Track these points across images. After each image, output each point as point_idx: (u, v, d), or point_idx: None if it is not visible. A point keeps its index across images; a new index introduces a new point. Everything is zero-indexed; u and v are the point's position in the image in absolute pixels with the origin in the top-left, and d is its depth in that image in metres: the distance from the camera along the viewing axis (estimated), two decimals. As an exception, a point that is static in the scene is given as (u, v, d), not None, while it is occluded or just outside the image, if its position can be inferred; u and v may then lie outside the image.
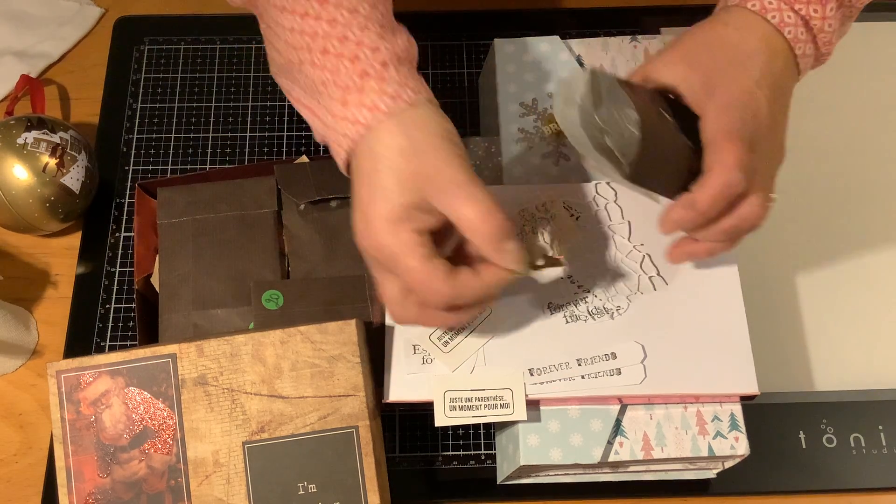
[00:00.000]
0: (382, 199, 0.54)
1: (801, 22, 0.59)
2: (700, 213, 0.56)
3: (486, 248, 0.54)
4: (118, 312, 0.77)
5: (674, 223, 0.58)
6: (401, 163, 0.53)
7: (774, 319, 0.77)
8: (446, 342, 0.64)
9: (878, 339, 0.77)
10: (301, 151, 0.84)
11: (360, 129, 0.54)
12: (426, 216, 0.54)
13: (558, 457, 0.62)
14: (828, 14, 0.59)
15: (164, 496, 0.61)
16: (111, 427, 0.61)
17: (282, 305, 0.69)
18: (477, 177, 0.54)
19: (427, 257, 0.54)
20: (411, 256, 0.54)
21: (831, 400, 0.74)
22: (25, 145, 0.74)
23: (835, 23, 0.60)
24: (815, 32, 0.60)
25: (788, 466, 0.71)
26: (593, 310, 0.65)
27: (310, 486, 0.61)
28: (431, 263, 0.54)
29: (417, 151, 0.54)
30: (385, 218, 0.54)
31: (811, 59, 0.61)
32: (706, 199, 0.56)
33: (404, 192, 0.53)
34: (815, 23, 0.59)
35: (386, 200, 0.54)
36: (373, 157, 0.54)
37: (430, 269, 0.54)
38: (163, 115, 0.85)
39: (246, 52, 0.89)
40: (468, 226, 0.53)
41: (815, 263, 0.79)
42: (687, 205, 0.57)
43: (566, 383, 0.63)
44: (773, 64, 0.59)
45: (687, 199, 0.57)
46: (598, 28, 0.88)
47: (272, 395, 0.62)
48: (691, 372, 0.63)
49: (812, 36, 0.60)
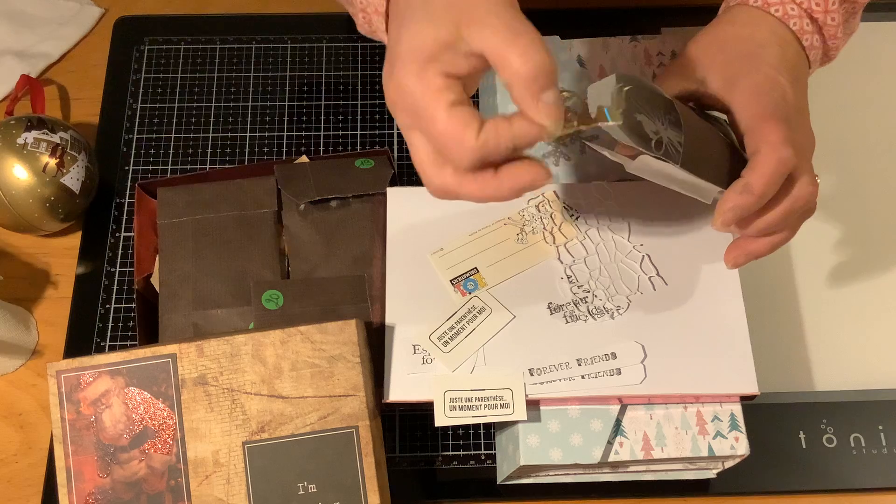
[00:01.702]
0: (410, 35, 0.47)
1: (805, 14, 0.59)
2: (757, 195, 0.54)
3: (521, 92, 0.46)
4: (118, 312, 0.77)
5: (730, 212, 0.55)
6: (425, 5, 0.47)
7: (774, 319, 0.77)
8: (446, 342, 0.64)
9: (878, 339, 0.77)
10: (301, 151, 0.84)
11: None
12: (458, 59, 0.47)
13: (558, 457, 0.62)
14: (830, 8, 0.60)
15: (164, 496, 0.61)
16: (111, 427, 0.61)
17: (282, 305, 0.69)
18: (521, 12, 0.47)
19: (453, 104, 0.47)
20: (436, 102, 0.47)
21: (831, 400, 0.74)
22: (25, 145, 0.74)
23: (838, 17, 0.60)
24: (820, 25, 0.60)
25: (788, 466, 0.71)
26: (593, 310, 0.65)
27: (310, 486, 0.61)
28: (458, 111, 0.47)
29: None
30: (411, 57, 0.47)
31: (819, 52, 0.62)
32: (761, 179, 0.54)
33: (435, 24, 0.46)
34: (818, 16, 0.60)
35: (413, 36, 0.47)
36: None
37: (456, 116, 0.46)
38: (163, 115, 0.85)
39: (246, 52, 0.89)
40: (504, 63, 0.45)
41: (815, 263, 0.79)
42: (742, 189, 0.54)
43: (566, 383, 0.63)
44: (786, 52, 0.59)
45: (739, 184, 0.54)
46: (598, 28, 0.87)
47: (272, 395, 0.62)
48: (691, 372, 0.63)
49: (818, 27, 0.60)
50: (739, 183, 0.55)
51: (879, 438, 0.72)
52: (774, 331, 0.76)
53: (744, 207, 0.55)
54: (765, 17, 0.60)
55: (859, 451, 0.72)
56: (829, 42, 0.61)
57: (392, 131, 0.85)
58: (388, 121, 0.85)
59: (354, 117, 0.86)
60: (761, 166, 0.54)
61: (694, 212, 0.68)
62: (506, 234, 0.68)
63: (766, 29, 0.60)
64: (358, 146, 0.84)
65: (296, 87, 0.87)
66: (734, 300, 0.65)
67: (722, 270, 0.66)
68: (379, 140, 0.84)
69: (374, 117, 0.85)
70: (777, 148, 0.54)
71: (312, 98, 0.86)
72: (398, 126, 0.50)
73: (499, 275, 0.66)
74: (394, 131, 0.85)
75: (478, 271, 0.67)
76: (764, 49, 0.59)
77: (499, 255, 0.67)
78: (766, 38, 0.59)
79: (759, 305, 0.76)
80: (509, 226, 0.68)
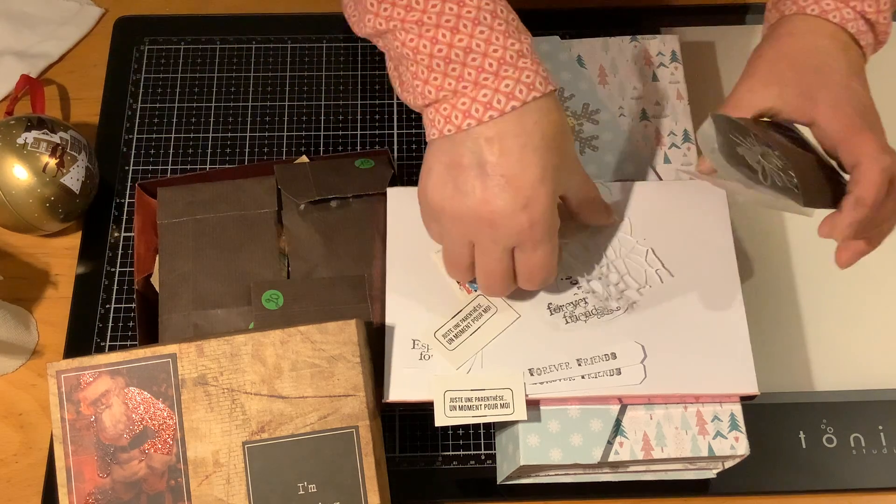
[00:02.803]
0: (550, 178, 0.56)
1: (860, 17, 0.61)
2: (871, 206, 0.56)
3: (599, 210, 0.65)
4: (118, 312, 0.77)
5: (849, 228, 0.56)
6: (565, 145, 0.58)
7: (774, 319, 0.77)
8: (451, 339, 0.64)
9: (878, 339, 0.77)
10: (301, 151, 0.84)
11: (516, 102, 0.55)
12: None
13: (558, 457, 0.62)
14: (882, 8, 0.62)
15: (164, 496, 0.61)
16: (111, 427, 0.61)
17: (282, 305, 0.69)
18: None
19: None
20: (556, 240, 0.59)
21: (831, 400, 0.74)
22: (25, 145, 0.74)
23: (888, 14, 0.62)
24: (873, 24, 0.62)
25: (788, 466, 0.71)
26: (593, 310, 0.65)
27: (310, 486, 0.61)
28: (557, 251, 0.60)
29: (565, 136, 0.58)
30: (550, 198, 0.57)
31: (872, 48, 0.64)
32: (870, 191, 0.55)
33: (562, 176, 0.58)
34: (870, 16, 0.62)
35: (552, 181, 0.57)
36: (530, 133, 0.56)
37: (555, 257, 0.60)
38: (163, 115, 0.85)
39: (246, 52, 0.89)
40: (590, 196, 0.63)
41: (816, 263, 0.79)
42: (855, 205, 0.56)
43: (566, 383, 0.63)
44: (849, 55, 0.61)
45: (850, 199, 0.56)
46: (598, 28, 0.88)
47: (272, 395, 0.62)
48: (691, 372, 0.63)
49: (871, 27, 0.62)
50: (850, 199, 0.56)
51: (879, 438, 0.72)
52: (774, 331, 0.76)
53: (861, 221, 0.56)
54: (823, 24, 0.61)
55: (859, 451, 0.72)
56: (880, 38, 0.64)
57: (392, 131, 0.85)
58: (387, 121, 0.85)
59: (354, 117, 0.86)
60: (867, 179, 0.56)
61: (694, 212, 0.68)
62: None
63: (827, 36, 0.61)
64: (358, 146, 0.84)
65: (296, 87, 0.87)
66: (734, 300, 0.65)
67: (722, 271, 0.66)
68: (379, 140, 0.84)
69: (374, 117, 0.85)
70: (877, 158, 0.56)
71: (312, 98, 0.86)
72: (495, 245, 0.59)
73: None
74: (394, 131, 0.85)
75: None
76: (831, 57, 0.61)
77: None
78: (830, 45, 0.61)
79: (759, 305, 0.76)
80: None
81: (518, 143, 0.55)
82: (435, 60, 0.56)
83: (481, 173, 0.56)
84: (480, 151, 0.56)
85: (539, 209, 0.56)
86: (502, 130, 0.55)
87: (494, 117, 0.55)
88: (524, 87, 0.55)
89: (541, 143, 0.56)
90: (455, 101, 0.56)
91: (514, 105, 0.55)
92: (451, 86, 0.56)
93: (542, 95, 0.55)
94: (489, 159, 0.55)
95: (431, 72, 0.56)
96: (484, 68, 0.55)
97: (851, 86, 0.60)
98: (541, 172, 0.56)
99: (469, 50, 0.55)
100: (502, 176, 0.55)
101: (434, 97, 0.56)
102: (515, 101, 0.55)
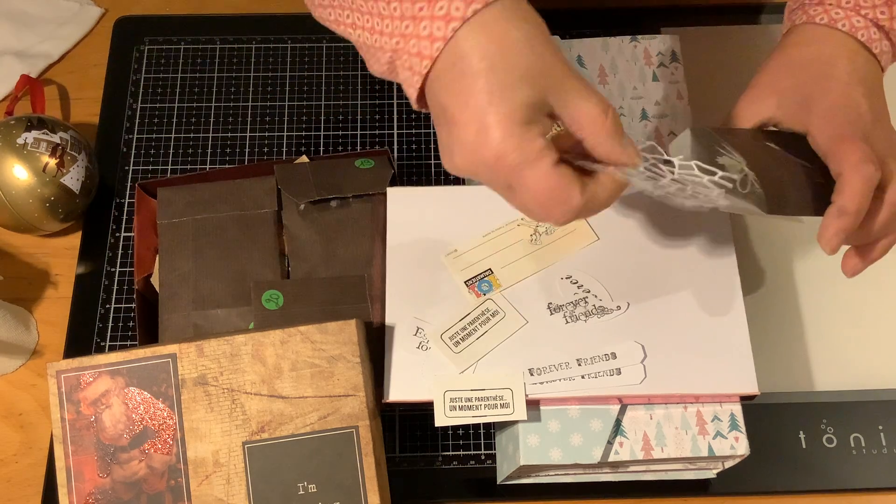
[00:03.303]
0: (502, 100, 0.47)
1: (872, 24, 0.61)
2: (853, 213, 0.56)
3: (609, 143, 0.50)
4: (118, 312, 0.77)
5: (834, 237, 0.56)
6: (517, 58, 0.48)
7: (774, 319, 0.77)
8: (458, 342, 0.64)
9: (878, 339, 0.77)
10: (301, 151, 0.84)
11: (455, 23, 0.48)
12: (546, 119, 0.49)
13: (558, 457, 0.62)
14: (895, 14, 0.61)
15: (164, 496, 0.61)
16: (111, 427, 0.61)
17: (282, 305, 0.69)
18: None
19: (557, 164, 0.49)
20: (541, 165, 0.48)
21: (831, 400, 0.74)
22: (25, 145, 0.74)
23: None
24: (887, 31, 0.61)
25: (788, 466, 0.71)
26: (593, 310, 0.65)
27: (310, 486, 0.61)
28: (562, 171, 0.49)
29: (532, 44, 0.48)
30: (509, 121, 0.47)
31: (889, 56, 0.63)
32: (851, 199, 0.56)
33: (526, 89, 0.48)
34: (884, 23, 0.61)
35: (507, 100, 0.47)
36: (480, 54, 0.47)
37: (562, 177, 0.48)
38: (163, 115, 0.85)
39: (246, 52, 0.89)
40: (591, 121, 0.49)
41: (816, 263, 0.79)
42: (837, 213, 0.56)
43: (566, 383, 0.63)
44: (856, 62, 0.60)
45: (833, 209, 0.56)
46: (598, 28, 0.88)
47: (272, 395, 0.62)
48: (691, 372, 0.63)
49: (885, 34, 0.61)
50: (833, 208, 0.56)
51: (879, 438, 0.72)
52: (774, 331, 0.76)
53: (845, 229, 0.56)
54: (831, 32, 0.61)
55: (859, 451, 0.72)
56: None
57: (392, 131, 0.85)
58: (387, 121, 0.85)
59: (354, 117, 0.86)
60: (848, 187, 0.56)
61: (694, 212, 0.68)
62: (519, 234, 0.68)
63: (833, 44, 0.61)
64: (358, 146, 0.84)
65: (296, 87, 0.87)
66: (734, 300, 0.65)
67: (722, 271, 0.66)
68: (379, 140, 0.84)
69: (374, 117, 0.85)
70: (858, 167, 0.56)
71: (312, 98, 0.86)
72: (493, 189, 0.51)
73: (513, 276, 0.66)
74: (394, 131, 0.85)
75: (492, 272, 0.67)
76: (833, 65, 0.60)
77: (513, 256, 0.67)
78: (834, 52, 0.61)
79: (759, 305, 0.76)
80: (523, 226, 0.68)
81: (454, 73, 0.48)
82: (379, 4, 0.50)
83: (446, 122, 0.49)
84: (437, 95, 0.49)
85: (497, 135, 0.47)
86: (448, 63, 0.48)
87: (441, 48, 0.48)
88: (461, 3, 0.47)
89: (481, 64, 0.47)
90: (407, 46, 0.49)
91: (454, 27, 0.48)
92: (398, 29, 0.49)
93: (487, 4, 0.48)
94: (444, 101, 0.49)
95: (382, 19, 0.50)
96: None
97: (850, 94, 0.59)
98: (486, 97, 0.47)
99: None
100: (453, 117, 0.49)
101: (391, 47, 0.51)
102: (454, 21, 0.48)
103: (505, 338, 0.64)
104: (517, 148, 0.48)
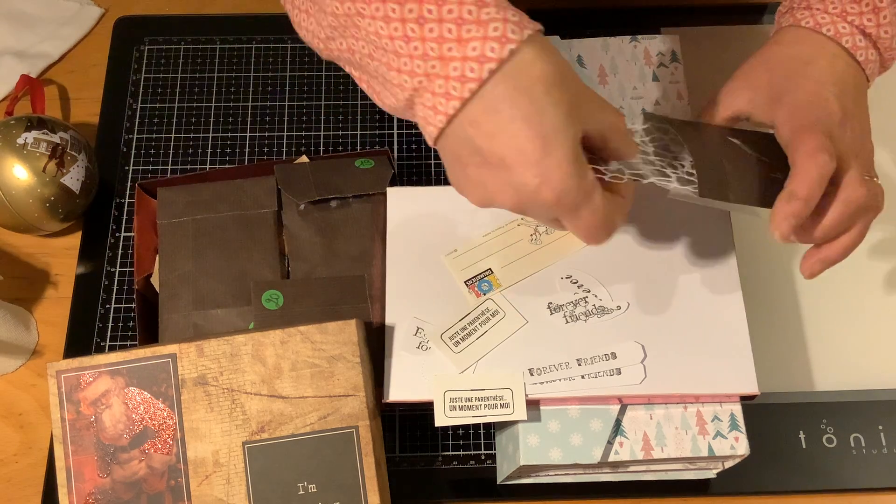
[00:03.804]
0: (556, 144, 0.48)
1: (858, 31, 0.61)
2: (802, 199, 0.56)
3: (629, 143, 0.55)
4: (118, 312, 0.77)
5: (784, 222, 0.57)
6: (560, 94, 0.49)
7: (774, 319, 0.77)
8: (458, 342, 0.64)
9: (878, 339, 0.77)
10: (301, 151, 0.84)
11: (492, 65, 0.47)
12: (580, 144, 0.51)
13: (558, 457, 0.62)
14: (882, 22, 0.61)
15: (164, 496, 0.61)
16: (111, 427, 0.61)
17: (282, 305, 0.69)
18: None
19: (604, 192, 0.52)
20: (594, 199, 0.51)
21: (831, 400, 0.74)
22: (25, 145, 0.74)
23: (891, 29, 0.61)
24: (874, 39, 0.61)
25: (788, 466, 0.71)
26: (593, 310, 0.65)
27: (310, 486, 0.61)
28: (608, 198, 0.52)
29: (564, 78, 0.49)
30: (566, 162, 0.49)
31: (876, 65, 0.63)
32: (801, 184, 0.56)
33: (572, 127, 0.49)
34: (871, 30, 0.61)
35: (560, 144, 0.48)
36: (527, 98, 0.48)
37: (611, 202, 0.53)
38: (163, 115, 0.85)
39: (246, 52, 0.89)
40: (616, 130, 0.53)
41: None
42: (787, 198, 0.57)
43: (566, 383, 0.63)
44: (835, 65, 0.61)
45: (784, 193, 0.57)
46: (598, 28, 0.88)
47: (272, 395, 0.62)
48: (691, 372, 0.63)
49: (872, 42, 0.62)
50: (784, 192, 0.57)
51: (879, 438, 0.72)
52: (774, 331, 0.76)
53: (795, 214, 0.56)
54: (815, 36, 0.61)
55: (859, 451, 0.72)
56: (885, 54, 0.63)
57: (392, 131, 0.85)
58: (387, 121, 0.85)
59: (354, 117, 0.86)
60: (800, 173, 0.56)
61: (694, 213, 0.68)
62: (519, 234, 0.68)
63: (815, 46, 0.61)
64: (358, 146, 0.84)
65: (296, 87, 0.87)
66: (734, 300, 0.65)
67: (722, 271, 0.66)
68: (379, 140, 0.84)
69: (374, 117, 0.85)
70: (813, 155, 0.56)
71: (312, 98, 0.86)
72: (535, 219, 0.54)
73: (513, 276, 0.66)
74: (394, 131, 0.85)
75: (492, 272, 0.67)
76: (810, 65, 0.61)
77: (513, 256, 0.67)
78: (813, 53, 0.61)
79: (759, 305, 0.76)
80: (523, 226, 0.68)
81: (504, 117, 0.48)
82: (396, 42, 0.49)
83: (483, 162, 0.50)
84: (471, 138, 0.49)
85: (557, 178, 0.49)
86: (486, 105, 0.48)
87: (475, 90, 0.48)
88: (496, 44, 0.47)
89: (531, 107, 0.48)
90: (431, 86, 0.49)
91: (490, 68, 0.47)
92: (420, 68, 0.49)
93: (520, 44, 0.48)
94: (482, 145, 0.49)
95: (399, 57, 0.49)
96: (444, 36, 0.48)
97: (820, 92, 0.59)
98: (541, 141, 0.48)
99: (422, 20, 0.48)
100: (502, 159, 0.49)
101: (411, 86, 0.50)
102: (490, 62, 0.47)
103: (505, 338, 0.64)
104: (577, 188, 0.50)
